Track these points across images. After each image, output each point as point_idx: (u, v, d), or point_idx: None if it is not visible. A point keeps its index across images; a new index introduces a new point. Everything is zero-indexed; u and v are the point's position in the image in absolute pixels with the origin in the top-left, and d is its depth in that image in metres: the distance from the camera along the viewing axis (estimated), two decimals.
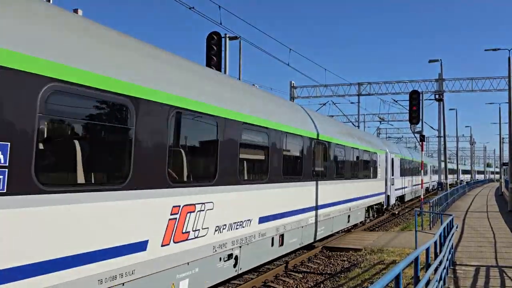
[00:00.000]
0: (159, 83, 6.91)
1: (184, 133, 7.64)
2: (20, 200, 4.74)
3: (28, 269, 4.80)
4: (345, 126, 20.32)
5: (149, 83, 6.66)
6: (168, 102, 6.96)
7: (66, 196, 5.25)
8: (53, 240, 5.08)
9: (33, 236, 4.87)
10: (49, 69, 5.09)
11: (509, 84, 31.35)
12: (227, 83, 9.63)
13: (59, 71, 5.22)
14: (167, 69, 7.47)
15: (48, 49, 5.17)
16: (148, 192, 6.58)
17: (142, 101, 6.44)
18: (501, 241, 16.63)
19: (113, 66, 6.09)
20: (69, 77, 5.33)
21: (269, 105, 11.19)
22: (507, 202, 32.70)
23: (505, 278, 10.82)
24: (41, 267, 4.93)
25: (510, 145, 31.77)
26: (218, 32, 16.97)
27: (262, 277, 11.32)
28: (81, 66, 5.53)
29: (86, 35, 5.93)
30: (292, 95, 42.09)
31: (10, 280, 4.59)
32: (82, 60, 5.59)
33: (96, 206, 5.65)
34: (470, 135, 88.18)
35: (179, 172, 7.41)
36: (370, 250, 15.24)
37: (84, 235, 5.48)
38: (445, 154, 37.54)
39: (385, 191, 24.67)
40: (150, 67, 6.96)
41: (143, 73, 6.66)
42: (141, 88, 6.45)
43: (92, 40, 5.99)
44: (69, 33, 5.64)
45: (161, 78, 7.05)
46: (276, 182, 10.74)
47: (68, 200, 5.27)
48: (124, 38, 6.87)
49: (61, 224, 5.19)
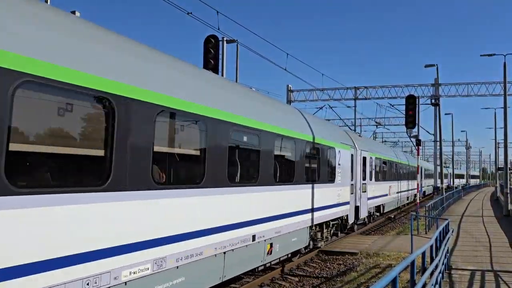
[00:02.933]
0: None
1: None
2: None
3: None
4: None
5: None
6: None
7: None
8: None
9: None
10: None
11: (504, 89, 31.53)
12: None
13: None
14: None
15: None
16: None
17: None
18: (496, 246, 16.70)
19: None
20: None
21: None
22: (502, 207, 32.81)
23: (500, 283, 10.87)
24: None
25: (505, 150, 31.92)
26: (215, 36, 16.99)
27: (258, 280, 11.32)
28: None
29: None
30: (289, 99, 42.18)
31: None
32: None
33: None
34: (466, 140, 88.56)
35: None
36: (366, 254, 15.27)
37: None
38: (441, 159, 37.61)
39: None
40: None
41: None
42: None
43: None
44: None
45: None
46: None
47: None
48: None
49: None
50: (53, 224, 5.13)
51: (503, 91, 32.06)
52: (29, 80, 4.89)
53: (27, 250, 4.84)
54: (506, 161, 32.81)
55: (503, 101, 31.34)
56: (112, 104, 5.91)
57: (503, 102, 31.41)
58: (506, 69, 31.00)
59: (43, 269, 5.01)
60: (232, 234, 8.93)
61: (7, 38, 4.74)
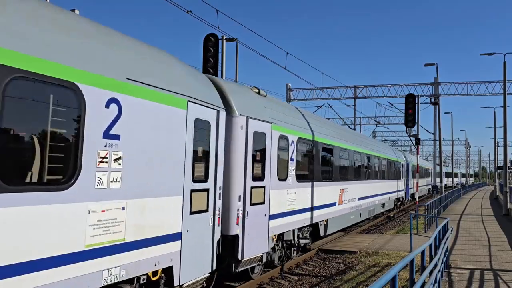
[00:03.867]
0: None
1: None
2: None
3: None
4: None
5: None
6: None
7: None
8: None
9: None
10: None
11: (504, 88, 31.53)
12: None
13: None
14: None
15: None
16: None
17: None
18: (496, 245, 16.71)
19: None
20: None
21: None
22: (501, 206, 32.84)
23: (499, 281, 10.88)
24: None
25: (504, 149, 31.94)
26: (215, 34, 16.96)
27: (257, 279, 11.31)
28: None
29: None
30: (289, 97, 42.17)
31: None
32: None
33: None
34: (465, 139, 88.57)
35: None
36: (366, 252, 15.27)
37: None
38: (440, 158, 37.62)
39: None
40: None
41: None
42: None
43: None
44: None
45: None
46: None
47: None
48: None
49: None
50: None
51: (502, 90, 32.09)
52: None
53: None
54: (506, 160, 32.81)
55: (503, 100, 31.36)
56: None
57: (502, 101, 31.45)
58: (505, 68, 31.03)
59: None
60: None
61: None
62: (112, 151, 5.94)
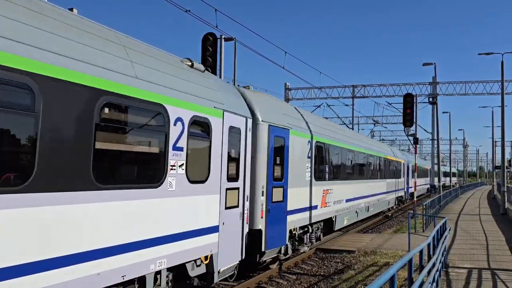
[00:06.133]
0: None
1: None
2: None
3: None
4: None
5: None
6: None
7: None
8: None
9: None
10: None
11: (502, 88, 31.58)
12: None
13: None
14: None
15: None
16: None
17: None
18: (493, 244, 16.74)
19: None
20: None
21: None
22: (499, 205, 32.91)
23: (497, 281, 10.90)
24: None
25: (502, 149, 31.98)
26: (213, 33, 16.94)
27: (255, 278, 11.32)
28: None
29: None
30: (287, 97, 42.17)
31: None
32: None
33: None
34: (463, 138, 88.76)
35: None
36: (364, 252, 15.28)
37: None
38: (438, 157, 37.68)
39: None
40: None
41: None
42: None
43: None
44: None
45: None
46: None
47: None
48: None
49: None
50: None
51: (500, 89, 32.13)
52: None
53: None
54: (503, 160, 32.87)
55: (501, 100, 31.40)
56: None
57: (500, 101, 31.49)
58: (503, 67, 31.08)
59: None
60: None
61: None
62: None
